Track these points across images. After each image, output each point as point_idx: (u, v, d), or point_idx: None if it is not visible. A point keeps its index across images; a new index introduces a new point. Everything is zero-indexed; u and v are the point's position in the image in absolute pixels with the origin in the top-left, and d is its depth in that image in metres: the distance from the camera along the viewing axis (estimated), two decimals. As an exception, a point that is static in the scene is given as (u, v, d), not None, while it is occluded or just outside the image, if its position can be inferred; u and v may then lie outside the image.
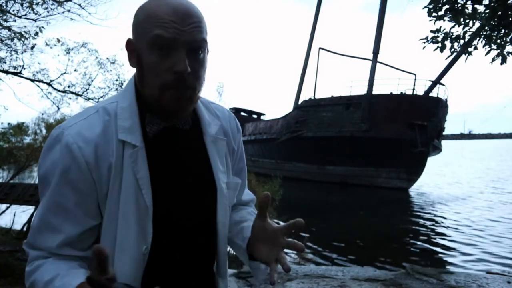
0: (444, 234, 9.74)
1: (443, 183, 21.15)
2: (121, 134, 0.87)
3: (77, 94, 7.70)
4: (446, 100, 20.21)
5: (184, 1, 0.87)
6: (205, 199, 0.97)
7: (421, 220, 11.61)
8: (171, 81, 0.84)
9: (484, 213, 12.29)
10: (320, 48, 25.15)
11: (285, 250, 0.89)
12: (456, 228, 10.22)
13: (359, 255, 7.65)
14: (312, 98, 23.90)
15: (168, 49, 0.83)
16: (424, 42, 6.30)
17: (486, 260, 7.39)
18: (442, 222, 11.25)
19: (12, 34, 6.60)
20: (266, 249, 0.89)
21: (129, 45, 0.90)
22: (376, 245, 8.46)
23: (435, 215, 12.31)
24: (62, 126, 0.87)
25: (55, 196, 0.84)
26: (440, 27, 6.18)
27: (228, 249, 1.07)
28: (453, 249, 8.26)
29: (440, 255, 7.97)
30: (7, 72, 7.07)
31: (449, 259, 7.57)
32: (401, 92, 20.34)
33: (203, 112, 1.00)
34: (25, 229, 5.83)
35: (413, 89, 20.11)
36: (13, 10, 6.47)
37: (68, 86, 7.65)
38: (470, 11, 5.93)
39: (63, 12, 6.70)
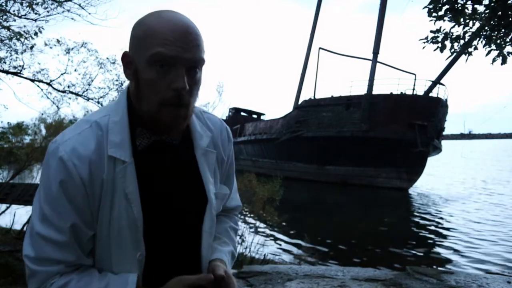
0: (444, 234, 9.75)
1: (441, 183, 21.15)
2: (110, 150, 0.89)
3: (77, 94, 7.70)
4: (446, 100, 20.21)
5: (184, 18, 0.88)
6: (194, 209, 1.00)
7: (421, 220, 11.61)
8: (169, 97, 0.86)
9: (484, 213, 12.29)
10: (320, 48, 25.16)
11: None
12: (456, 228, 10.22)
13: (359, 255, 7.65)
14: (312, 98, 23.89)
15: (168, 66, 0.86)
16: (424, 42, 6.30)
17: (486, 260, 7.39)
18: (442, 222, 11.25)
19: (12, 34, 6.60)
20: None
21: (126, 58, 0.92)
22: (376, 245, 8.46)
23: (435, 215, 12.31)
24: (58, 141, 0.90)
25: (55, 206, 0.87)
26: (440, 27, 6.17)
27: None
28: (453, 249, 8.26)
29: (440, 255, 7.98)
30: (7, 72, 7.07)
31: (449, 259, 7.57)
32: (401, 92, 20.34)
33: (196, 125, 1.03)
34: (25, 229, 5.83)
35: (413, 89, 20.12)
36: (13, 10, 6.47)
37: (68, 86, 7.64)
38: (470, 11, 5.92)
39: (63, 12, 6.70)
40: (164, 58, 0.84)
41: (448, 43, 6.20)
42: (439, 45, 6.21)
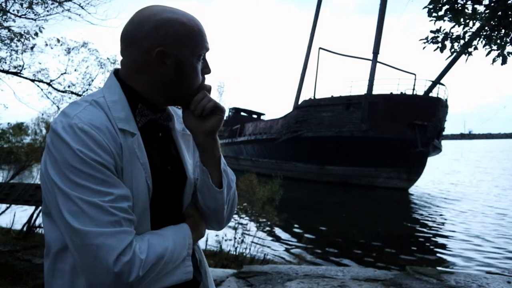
0: (444, 234, 9.75)
1: (441, 183, 21.14)
2: (120, 124, 0.92)
3: (77, 94, 7.69)
4: (446, 100, 20.21)
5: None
6: (177, 187, 1.07)
7: (421, 220, 11.62)
8: (201, 82, 1.04)
9: (484, 213, 12.30)
10: (320, 48, 25.15)
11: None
12: (456, 228, 10.23)
13: (359, 255, 7.65)
14: (312, 98, 23.89)
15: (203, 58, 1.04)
16: (424, 43, 6.30)
17: (486, 260, 7.39)
18: (442, 222, 11.25)
19: (12, 35, 6.59)
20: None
21: (162, 53, 0.95)
22: (376, 245, 8.46)
23: (435, 215, 12.32)
24: (68, 117, 0.87)
25: (95, 173, 0.84)
26: (440, 27, 6.18)
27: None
28: (453, 249, 8.26)
29: (440, 255, 7.97)
30: (7, 72, 7.06)
31: (449, 259, 7.57)
32: (401, 92, 20.35)
33: (175, 109, 1.13)
34: (25, 229, 5.82)
35: (413, 89, 20.14)
36: (13, 10, 6.47)
37: (68, 86, 7.64)
38: (470, 11, 5.92)
39: (63, 11, 6.69)
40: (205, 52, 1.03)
41: (448, 43, 6.20)
42: (439, 45, 6.20)
